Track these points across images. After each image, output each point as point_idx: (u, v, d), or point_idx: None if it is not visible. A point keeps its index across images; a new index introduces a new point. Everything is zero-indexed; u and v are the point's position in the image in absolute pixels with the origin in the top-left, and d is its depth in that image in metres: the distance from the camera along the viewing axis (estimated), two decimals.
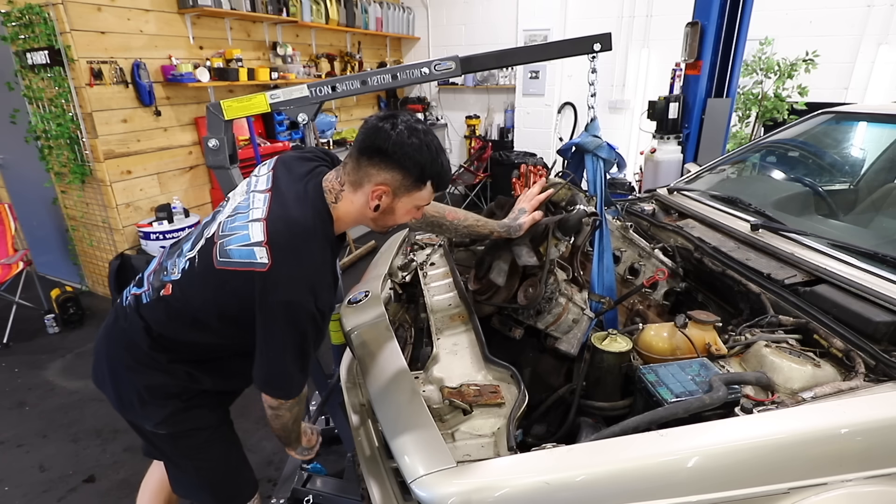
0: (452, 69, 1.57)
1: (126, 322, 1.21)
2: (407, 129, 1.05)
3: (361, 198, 1.10)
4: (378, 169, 1.06)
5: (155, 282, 1.20)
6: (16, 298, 3.41)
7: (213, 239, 1.11)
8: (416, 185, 1.09)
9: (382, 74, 1.61)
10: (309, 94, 1.61)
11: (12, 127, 3.53)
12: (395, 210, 1.13)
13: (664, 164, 3.99)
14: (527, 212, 1.46)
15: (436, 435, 1.00)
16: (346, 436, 1.84)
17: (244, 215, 1.10)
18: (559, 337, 1.39)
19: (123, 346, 1.22)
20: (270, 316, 1.03)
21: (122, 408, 1.27)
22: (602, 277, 1.57)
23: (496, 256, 1.47)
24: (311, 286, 1.04)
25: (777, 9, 4.71)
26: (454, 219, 1.42)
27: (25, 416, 2.65)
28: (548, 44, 1.61)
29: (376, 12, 5.82)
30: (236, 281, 1.05)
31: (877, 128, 2.18)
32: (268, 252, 1.02)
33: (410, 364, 1.32)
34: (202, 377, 1.24)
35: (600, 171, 1.60)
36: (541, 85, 5.82)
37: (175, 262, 1.18)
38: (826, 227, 1.80)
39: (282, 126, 4.81)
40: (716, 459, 0.94)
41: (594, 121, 1.62)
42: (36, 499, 2.13)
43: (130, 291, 1.26)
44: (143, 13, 3.57)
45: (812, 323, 1.27)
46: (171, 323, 1.16)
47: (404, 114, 1.09)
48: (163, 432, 1.26)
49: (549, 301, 1.35)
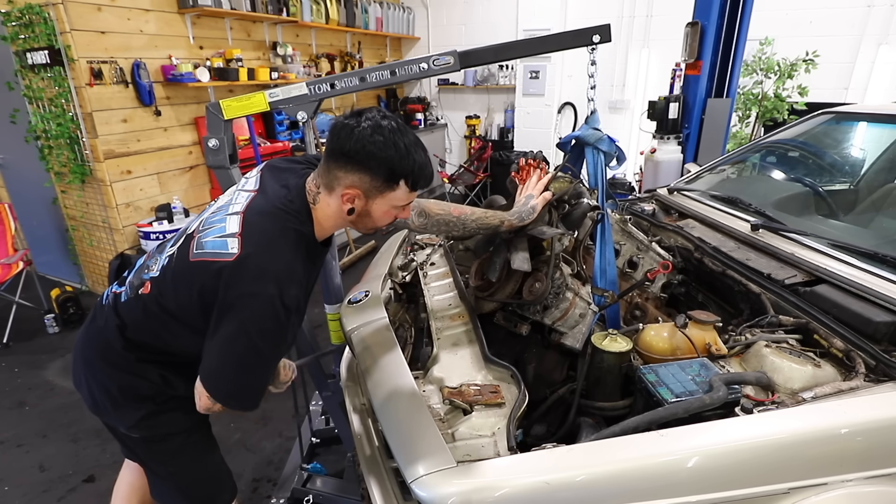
0: (451, 64, 1.56)
1: (102, 320, 1.19)
2: (371, 126, 0.99)
3: (335, 201, 1.07)
4: (345, 171, 1.03)
5: (135, 280, 1.18)
6: (16, 298, 3.41)
7: (193, 234, 1.10)
8: (387, 185, 1.04)
9: (381, 71, 1.61)
10: (308, 92, 1.60)
11: (12, 127, 3.52)
12: (371, 212, 1.09)
13: (664, 164, 3.99)
14: (535, 196, 1.42)
15: (436, 435, 1.00)
16: (346, 436, 1.84)
17: (225, 210, 1.10)
18: (565, 332, 1.37)
19: (98, 345, 1.19)
20: (230, 309, 0.98)
21: (97, 409, 1.24)
22: (605, 271, 1.55)
23: (513, 245, 1.41)
24: (276, 277, 0.99)
25: (777, 9, 4.71)
26: (461, 214, 1.36)
27: (25, 416, 2.65)
28: (547, 36, 1.59)
29: (376, 12, 5.82)
30: (206, 273, 1.01)
31: (877, 128, 2.18)
32: (239, 242, 1.00)
33: (410, 364, 1.32)
34: (175, 381, 1.20)
35: (601, 164, 1.58)
36: (541, 85, 5.82)
37: (156, 258, 1.17)
38: (826, 227, 1.79)
39: (282, 126, 4.82)
40: (716, 459, 0.94)
41: (594, 113, 1.60)
42: (36, 499, 2.13)
43: (111, 290, 1.24)
44: (143, 13, 3.57)
45: (812, 323, 1.27)
46: (147, 322, 1.13)
47: (372, 110, 1.04)
48: (136, 436, 1.24)
49: (557, 296, 1.34)
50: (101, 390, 1.21)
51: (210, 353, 1.03)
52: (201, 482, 1.36)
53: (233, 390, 1.05)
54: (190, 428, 1.29)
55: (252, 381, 1.06)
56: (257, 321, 0.99)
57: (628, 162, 5.97)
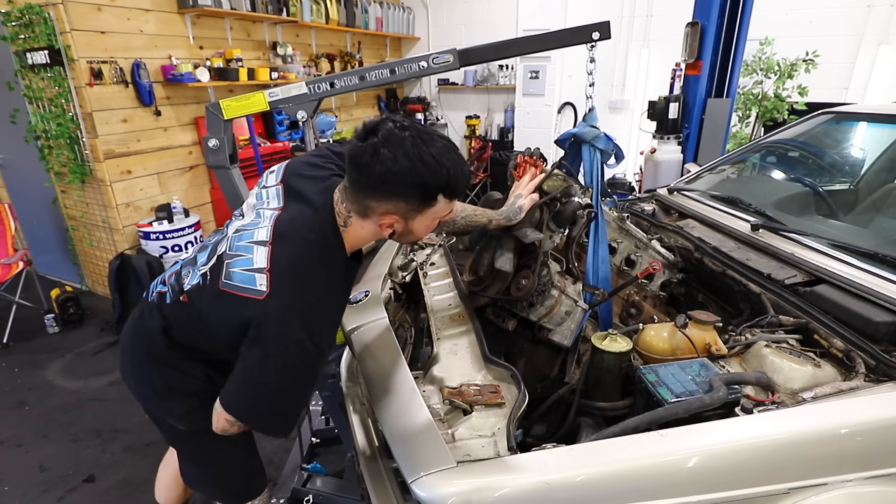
0: (451, 62, 1.56)
1: (149, 317, 1.20)
2: (392, 145, 0.92)
3: (371, 226, 1.04)
4: (377, 201, 0.99)
5: (175, 285, 1.17)
6: (16, 298, 3.41)
7: (223, 258, 1.07)
8: (424, 203, 1.00)
9: (380, 69, 1.61)
10: (307, 91, 1.61)
11: (12, 127, 3.52)
12: (414, 230, 1.06)
13: (664, 164, 3.99)
14: (524, 196, 1.43)
15: (436, 435, 1.00)
16: (346, 436, 1.84)
17: (250, 233, 1.05)
18: (552, 328, 1.39)
19: (144, 342, 1.22)
20: (257, 344, 0.97)
21: (145, 401, 1.29)
22: (596, 269, 1.56)
23: (500, 244, 1.44)
24: (305, 321, 0.97)
25: (777, 9, 4.70)
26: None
27: (25, 415, 2.65)
28: (547, 34, 1.58)
29: (376, 12, 5.81)
30: (234, 306, 0.99)
31: (877, 128, 2.18)
32: (268, 280, 0.97)
33: (410, 364, 1.32)
34: (220, 378, 1.19)
35: (597, 161, 1.57)
36: (541, 85, 5.82)
37: (190, 270, 1.16)
38: (826, 227, 1.80)
39: (282, 126, 4.81)
40: (716, 459, 0.94)
41: (592, 111, 1.60)
42: (36, 498, 2.13)
43: (156, 288, 1.23)
44: (143, 13, 3.57)
45: (812, 323, 1.27)
46: (191, 326, 1.14)
47: (387, 122, 0.96)
48: (182, 428, 1.27)
49: (542, 293, 1.35)
50: (148, 385, 1.24)
51: (236, 379, 1.02)
52: (235, 474, 1.40)
53: (259, 416, 1.06)
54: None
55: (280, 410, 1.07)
56: (286, 362, 0.98)
57: (628, 162, 5.98)
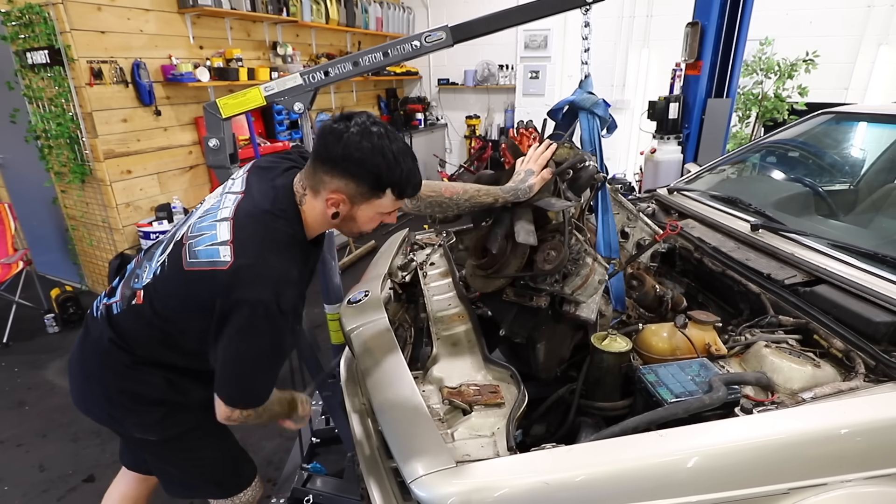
0: (444, 39, 1.53)
1: (97, 333, 1.18)
2: (360, 132, 0.98)
3: (320, 204, 1.06)
4: (331, 176, 1.01)
5: (126, 290, 1.16)
6: (16, 298, 3.41)
7: (182, 241, 1.08)
8: (373, 192, 1.03)
9: (373, 53, 1.58)
10: (302, 82, 1.59)
11: (12, 127, 3.52)
12: (357, 218, 1.08)
13: (664, 164, 3.99)
14: (534, 172, 1.34)
15: (435, 435, 1.00)
16: (346, 436, 1.84)
17: (213, 215, 1.08)
18: (583, 301, 1.28)
19: (99, 358, 1.18)
20: (228, 316, 0.98)
21: (110, 421, 1.24)
22: (608, 238, 1.48)
23: (516, 216, 1.33)
24: (273, 283, 0.99)
25: (777, 9, 4.70)
26: (453, 194, 1.30)
27: (25, 415, 2.65)
28: (540, 0, 1.51)
29: (376, 12, 5.82)
30: (201, 282, 1.01)
31: (877, 128, 2.18)
32: (231, 250, 1.00)
33: (410, 364, 1.32)
34: (180, 382, 1.20)
35: (596, 128, 1.51)
36: (541, 85, 5.82)
37: (146, 266, 1.15)
38: (826, 227, 1.79)
39: (282, 126, 4.82)
40: (716, 460, 0.94)
41: (588, 77, 1.55)
42: (36, 498, 2.13)
43: (101, 302, 1.22)
44: (143, 13, 3.57)
45: (812, 323, 1.27)
46: (144, 331, 1.13)
47: (363, 114, 1.01)
48: (154, 438, 1.24)
49: (576, 262, 1.26)
50: (108, 402, 1.20)
51: (216, 362, 1.04)
52: (224, 465, 1.39)
53: (239, 393, 1.07)
54: (203, 421, 1.27)
55: (258, 384, 1.08)
56: (256, 326, 0.99)
57: (628, 162, 5.98)
